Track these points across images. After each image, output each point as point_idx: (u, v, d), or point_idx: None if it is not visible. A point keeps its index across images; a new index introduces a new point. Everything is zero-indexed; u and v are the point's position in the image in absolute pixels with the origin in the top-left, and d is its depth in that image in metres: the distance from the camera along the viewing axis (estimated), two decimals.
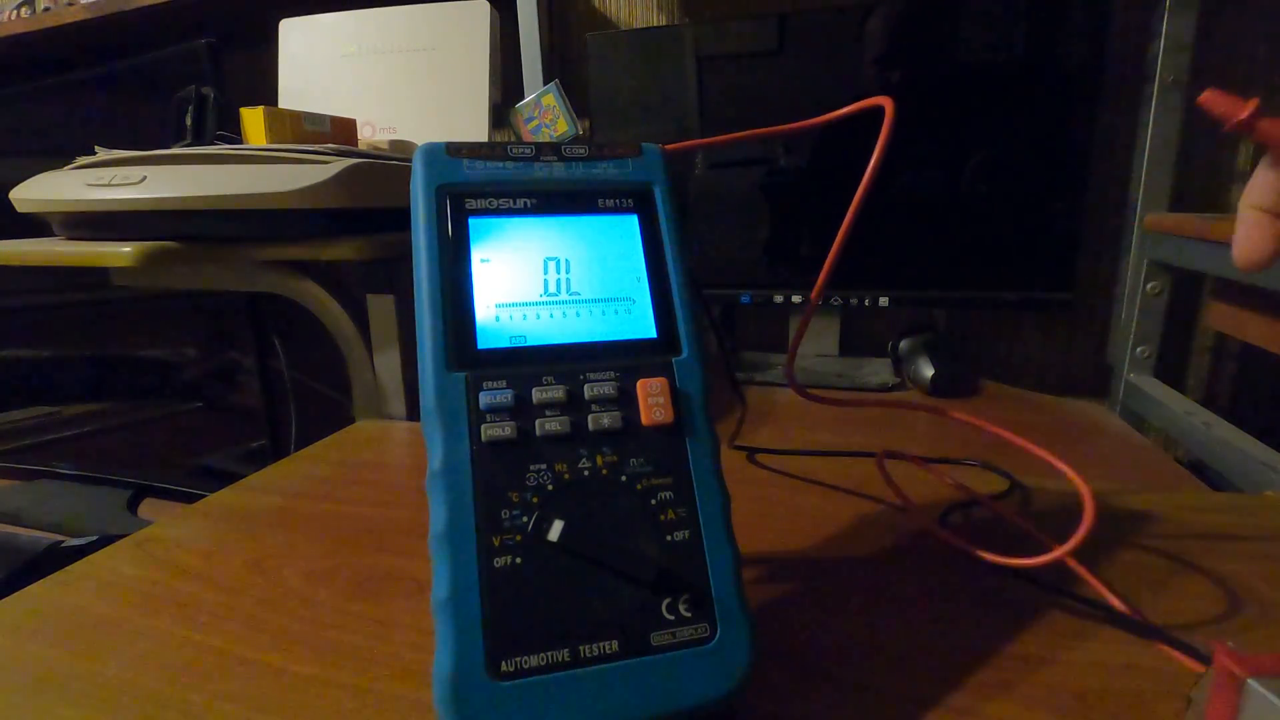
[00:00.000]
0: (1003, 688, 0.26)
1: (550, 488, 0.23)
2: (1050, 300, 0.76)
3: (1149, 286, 0.75)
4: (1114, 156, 0.81)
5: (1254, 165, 0.24)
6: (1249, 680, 0.15)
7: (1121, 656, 0.27)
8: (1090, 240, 0.83)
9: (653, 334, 0.26)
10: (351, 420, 0.68)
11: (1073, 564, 0.33)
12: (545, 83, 0.89)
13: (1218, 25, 0.75)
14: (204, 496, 0.46)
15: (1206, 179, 0.79)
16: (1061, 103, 0.72)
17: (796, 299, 0.83)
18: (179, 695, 0.26)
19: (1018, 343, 0.90)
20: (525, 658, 0.21)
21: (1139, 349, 0.77)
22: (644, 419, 0.24)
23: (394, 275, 0.68)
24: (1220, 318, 0.71)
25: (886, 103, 0.30)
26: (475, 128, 0.88)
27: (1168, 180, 0.74)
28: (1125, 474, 0.55)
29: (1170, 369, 0.81)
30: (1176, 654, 0.27)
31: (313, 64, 0.96)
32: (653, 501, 0.24)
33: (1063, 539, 0.28)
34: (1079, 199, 0.73)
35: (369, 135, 0.92)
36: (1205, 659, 0.27)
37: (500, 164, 0.26)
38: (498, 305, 0.25)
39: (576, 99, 0.88)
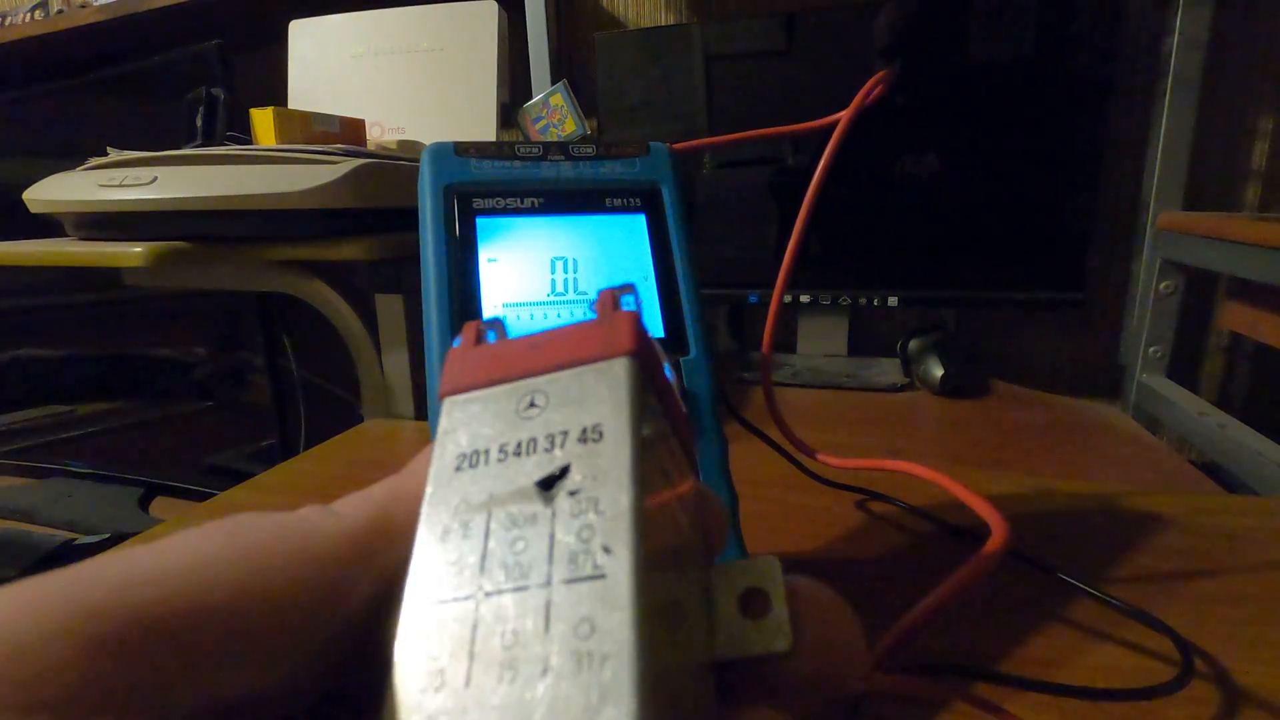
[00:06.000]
0: (1012, 689, 0.25)
1: None
2: (1062, 300, 0.75)
3: (1162, 286, 0.74)
4: (1127, 155, 0.80)
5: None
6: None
7: (1132, 659, 0.27)
8: (1102, 239, 0.82)
9: (660, 334, 0.26)
10: (360, 419, 0.68)
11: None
12: (553, 82, 0.89)
13: (1232, 22, 0.74)
14: (215, 495, 0.46)
15: (1221, 177, 0.79)
16: (1074, 100, 0.71)
17: (805, 299, 0.82)
18: None
19: (1029, 343, 0.89)
20: None
21: (1152, 349, 0.76)
22: None
23: (402, 275, 0.68)
24: (1234, 318, 0.70)
25: (845, 115, 0.30)
26: (483, 127, 0.88)
27: (1181, 179, 0.73)
28: (1137, 475, 0.55)
29: (1183, 369, 0.80)
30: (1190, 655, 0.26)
31: (322, 65, 0.96)
32: None
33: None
34: (1091, 198, 0.73)
35: (377, 135, 0.93)
36: (1185, 645, 0.26)
37: (508, 163, 0.26)
38: (505, 305, 0.25)
39: (584, 98, 0.88)
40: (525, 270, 0.25)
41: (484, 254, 0.25)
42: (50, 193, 0.66)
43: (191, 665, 0.09)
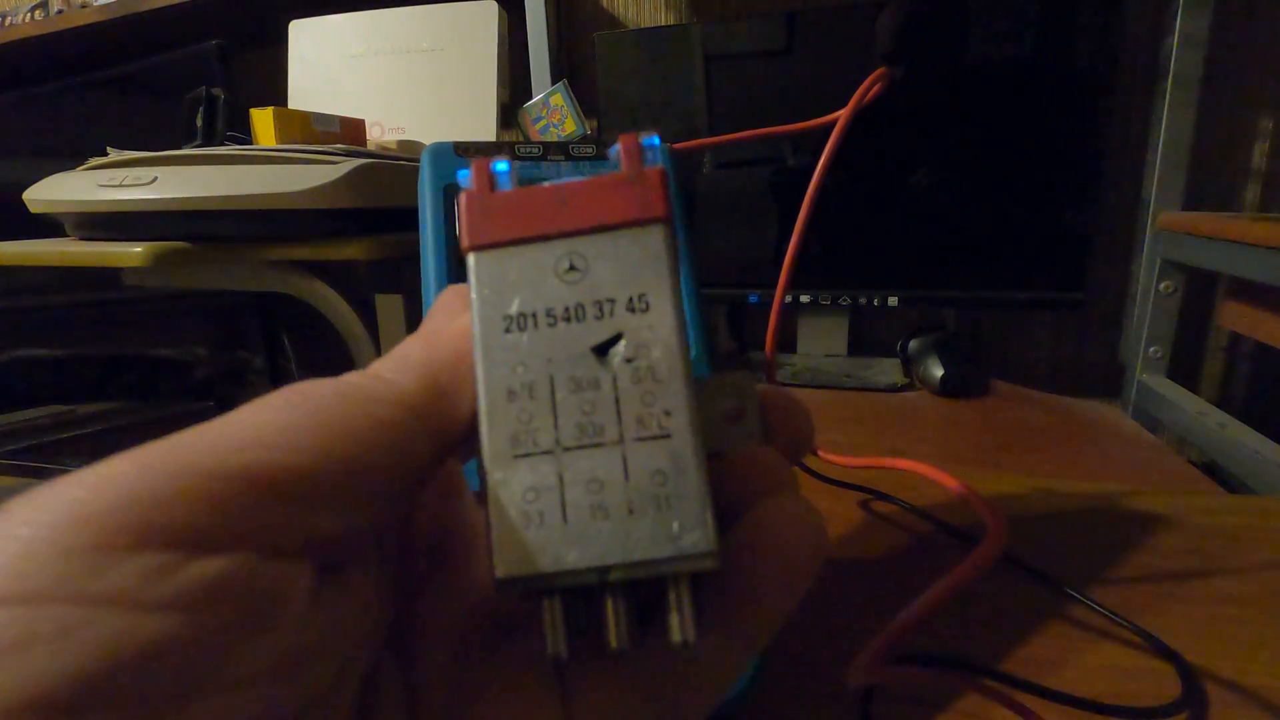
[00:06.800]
0: (1014, 690, 0.25)
1: None
2: (1062, 300, 0.75)
3: (1162, 286, 0.74)
4: (1127, 155, 0.80)
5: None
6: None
7: (1132, 661, 0.27)
8: (1103, 239, 0.82)
9: None
10: None
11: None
12: (553, 82, 0.89)
13: (1232, 22, 0.74)
14: None
15: (1221, 177, 0.79)
16: (1074, 100, 0.71)
17: (805, 299, 0.82)
18: None
19: (1029, 343, 0.89)
20: None
21: (1151, 349, 0.76)
22: None
23: (402, 275, 0.68)
24: (1234, 317, 0.70)
25: (844, 114, 0.30)
26: (483, 127, 0.88)
27: (1181, 179, 0.73)
28: (1137, 475, 0.55)
29: (1183, 369, 0.80)
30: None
31: (322, 65, 0.96)
32: None
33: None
34: (1091, 198, 0.73)
35: (377, 135, 0.93)
36: (1189, 671, 0.26)
37: None
38: None
39: (584, 99, 0.88)
40: None
41: None
42: (50, 193, 0.66)
43: (289, 516, 0.11)
